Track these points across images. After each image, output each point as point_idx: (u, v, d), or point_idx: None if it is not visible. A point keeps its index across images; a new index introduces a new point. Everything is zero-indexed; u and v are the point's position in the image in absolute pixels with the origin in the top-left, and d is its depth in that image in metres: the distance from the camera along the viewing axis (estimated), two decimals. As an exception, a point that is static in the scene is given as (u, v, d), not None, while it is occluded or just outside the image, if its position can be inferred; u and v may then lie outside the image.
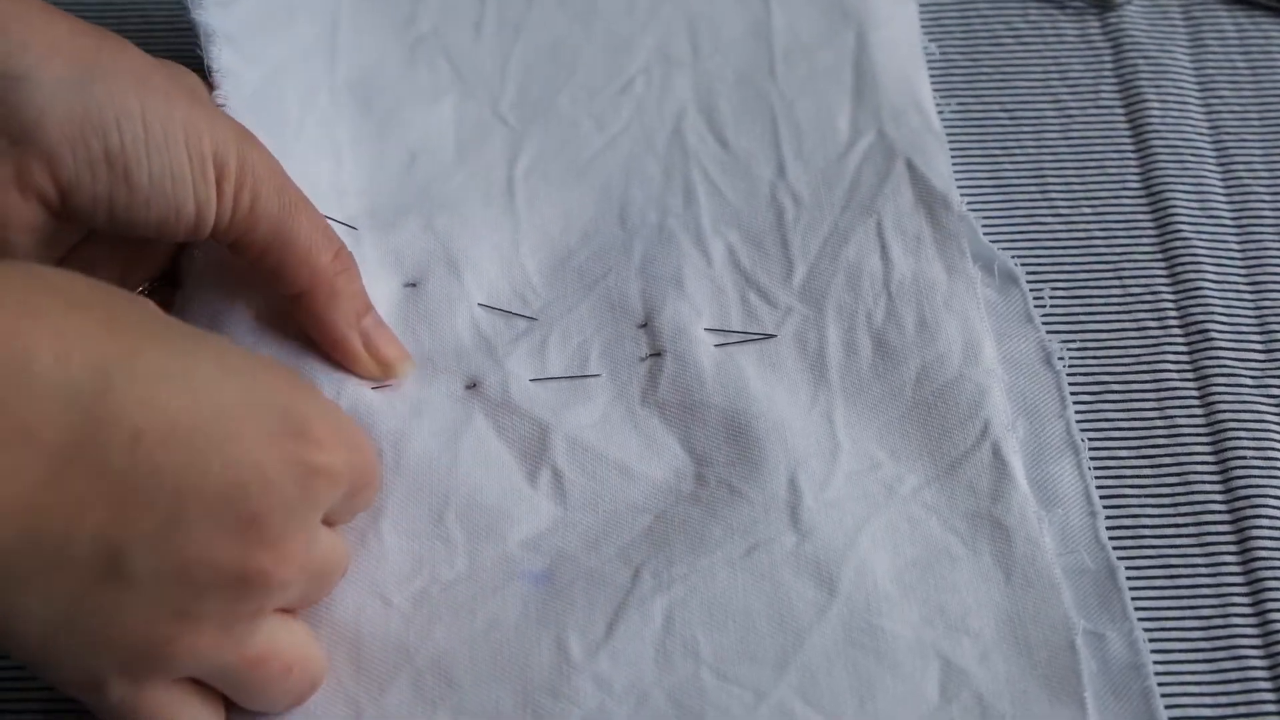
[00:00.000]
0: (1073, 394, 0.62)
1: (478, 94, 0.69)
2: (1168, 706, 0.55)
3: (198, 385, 0.48)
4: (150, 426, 0.46)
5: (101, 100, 0.54)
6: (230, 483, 0.48)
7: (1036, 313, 0.64)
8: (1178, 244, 0.66)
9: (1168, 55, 0.72)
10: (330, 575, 0.54)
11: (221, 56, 0.62)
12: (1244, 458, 0.60)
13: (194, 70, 0.61)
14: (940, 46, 0.72)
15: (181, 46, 0.64)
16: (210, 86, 0.63)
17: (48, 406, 0.45)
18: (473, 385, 0.61)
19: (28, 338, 0.46)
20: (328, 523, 0.53)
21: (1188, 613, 0.57)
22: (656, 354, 0.62)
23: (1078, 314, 0.64)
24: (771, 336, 0.63)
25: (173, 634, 0.48)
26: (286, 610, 0.53)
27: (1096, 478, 0.60)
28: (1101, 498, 0.59)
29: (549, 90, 0.69)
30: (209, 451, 0.47)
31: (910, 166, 0.66)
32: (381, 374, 0.60)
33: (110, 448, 0.46)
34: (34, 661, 0.49)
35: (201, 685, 0.52)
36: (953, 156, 0.68)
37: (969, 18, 0.73)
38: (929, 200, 0.66)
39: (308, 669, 0.53)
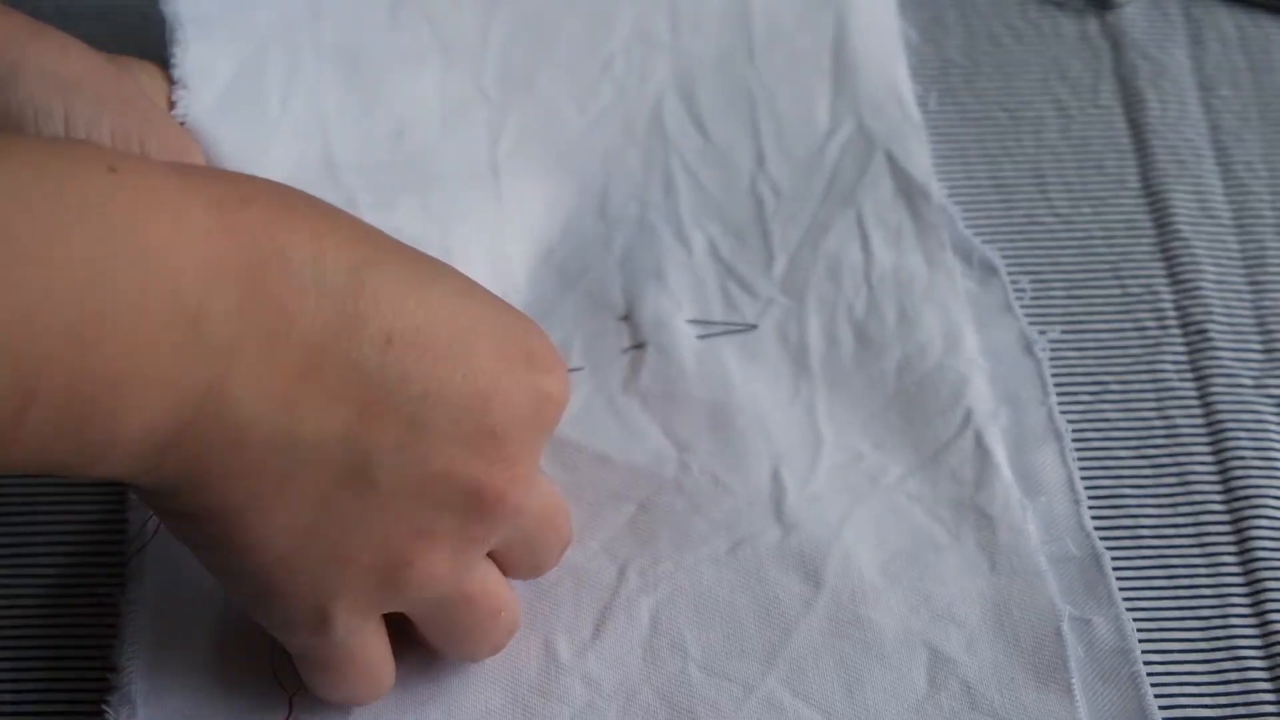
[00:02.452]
0: (1071, 393, 0.62)
1: (460, 64, 0.69)
2: (1166, 707, 0.54)
3: (441, 298, 0.49)
4: (400, 329, 0.47)
5: (20, 98, 0.53)
6: (472, 394, 0.48)
7: (1016, 302, 0.63)
8: (1177, 244, 0.66)
9: (1168, 55, 0.72)
10: (551, 523, 0.54)
11: (186, 59, 0.61)
12: (1243, 458, 0.60)
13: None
14: (939, 45, 0.72)
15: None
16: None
17: (305, 298, 0.46)
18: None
19: (286, 234, 0.46)
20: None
21: (1187, 613, 0.57)
22: (639, 346, 0.62)
23: (1077, 314, 0.64)
24: (753, 328, 0.63)
25: (411, 553, 0.49)
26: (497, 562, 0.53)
27: (1095, 477, 0.60)
28: (1100, 498, 0.59)
29: (529, 64, 0.69)
30: (453, 361, 0.48)
31: (890, 158, 0.66)
32: None
33: (363, 345, 0.47)
34: (265, 585, 0.49)
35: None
36: (952, 156, 0.68)
37: (969, 17, 0.73)
38: (909, 191, 0.66)
39: (512, 613, 0.54)
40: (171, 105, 0.60)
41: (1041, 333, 0.63)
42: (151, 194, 0.44)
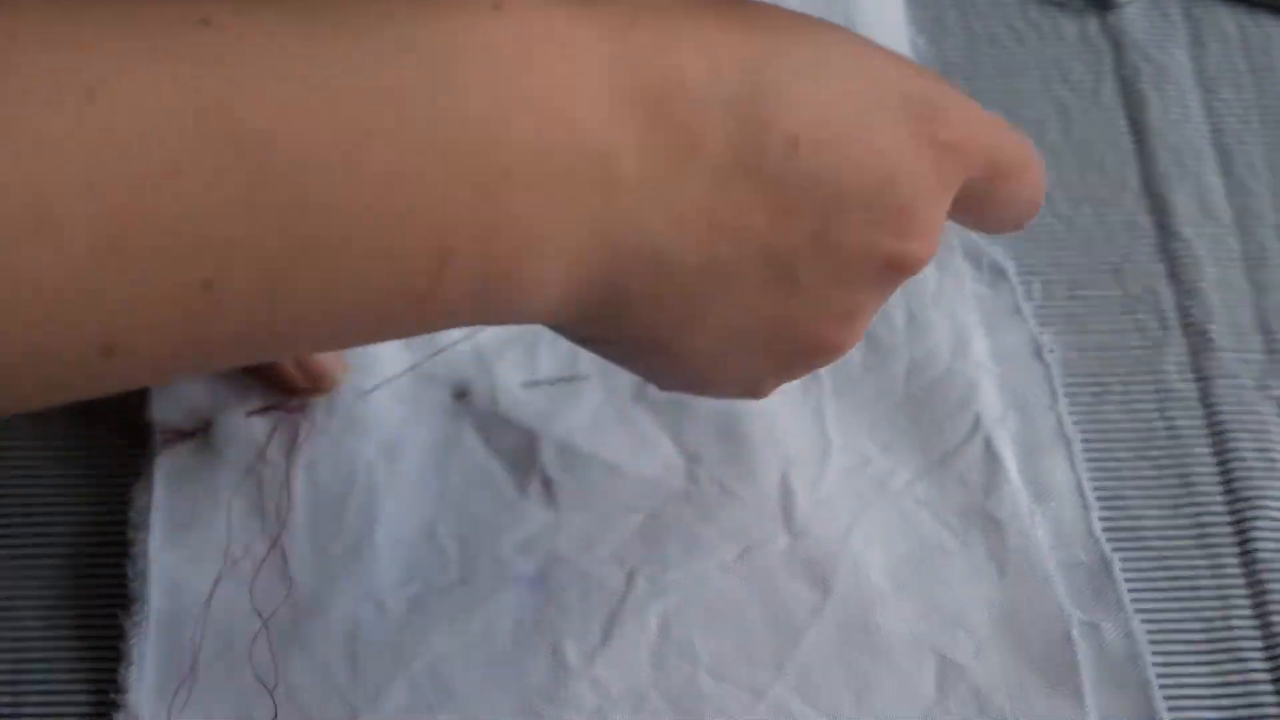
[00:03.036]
0: (1073, 395, 0.62)
1: None
2: (1169, 709, 0.54)
3: (834, 78, 0.46)
4: (804, 128, 0.45)
5: None
6: (881, 178, 0.46)
7: (1026, 306, 0.64)
8: (1177, 244, 0.66)
9: (1168, 56, 0.72)
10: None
11: None
12: (1244, 459, 0.60)
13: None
14: (940, 46, 0.72)
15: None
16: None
17: (708, 117, 0.44)
18: (462, 395, 0.61)
19: (677, 53, 0.44)
20: (982, 227, 0.53)
21: (1189, 614, 0.57)
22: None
23: (1078, 314, 0.64)
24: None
25: (840, 335, 0.49)
26: None
27: (1097, 479, 0.60)
28: (1102, 499, 0.59)
29: None
30: (859, 148, 0.46)
31: None
32: (312, 384, 0.60)
33: (769, 153, 0.44)
34: (695, 380, 0.50)
35: None
36: (953, 157, 0.68)
37: (969, 18, 0.73)
38: None
39: None
40: None
41: (1062, 343, 0.63)
42: (540, 30, 0.42)
